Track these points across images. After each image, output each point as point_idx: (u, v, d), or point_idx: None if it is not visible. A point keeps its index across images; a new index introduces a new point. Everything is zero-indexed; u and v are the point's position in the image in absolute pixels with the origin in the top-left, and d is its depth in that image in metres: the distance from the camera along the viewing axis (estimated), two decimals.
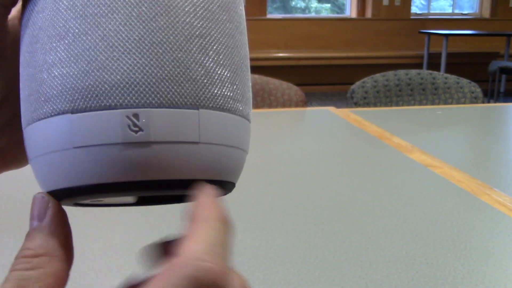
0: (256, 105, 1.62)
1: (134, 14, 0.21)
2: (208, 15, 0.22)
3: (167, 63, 0.21)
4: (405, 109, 1.50)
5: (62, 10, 0.21)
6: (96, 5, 0.21)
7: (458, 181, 0.84)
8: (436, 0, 6.34)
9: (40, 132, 0.22)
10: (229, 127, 0.23)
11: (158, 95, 0.21)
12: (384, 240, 0.63)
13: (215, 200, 0.22)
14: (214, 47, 0.22)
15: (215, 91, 0.22)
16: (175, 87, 0.21)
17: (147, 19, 0.21)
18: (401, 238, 0.64)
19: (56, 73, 0.21)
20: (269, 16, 5.83)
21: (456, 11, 6.34)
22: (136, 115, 0.21)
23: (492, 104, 1.58)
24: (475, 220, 0.69)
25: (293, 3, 6.13)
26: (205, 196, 0.22)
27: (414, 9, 6.14)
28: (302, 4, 6.15)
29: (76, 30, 0.21)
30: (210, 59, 0.22)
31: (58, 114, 0.21)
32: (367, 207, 0.73)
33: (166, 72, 0.21)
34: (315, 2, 6.18)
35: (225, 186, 0.24)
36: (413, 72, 1.76)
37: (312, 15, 6.18)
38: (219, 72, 0.23)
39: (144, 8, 0.21)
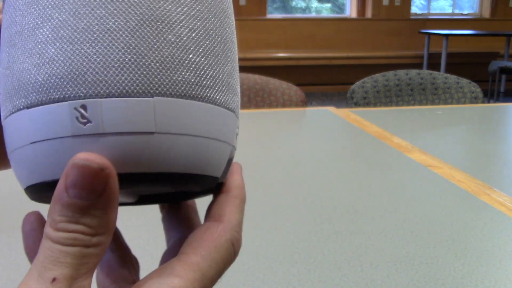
0: (256, 105, 1.62)
1: (83, 2, 0.20)
2: None
3: (116, 50, 0.20)
4: (405, 109, 1.50)
5: (21, 7, 0.21)
6: None
7: (458, 181, 0.84)
8: (436, 0, 6.34)
9: (6, 130, 0.22)
10: (193, 115, 0.22)
11: (106, 84, 0.20)
12: (384, 240, 0.63)
13: (242, 180, 0.27)
14: (175, 31, 0.21)
15: (175, 77, 0.21)
16: (125, 75, 0.20)
17: (96, 6, 0.20)
18: (401, 238, 0.64)
19: (15, 69, 0.21)
20: (269, 16, 5.83)
21: (456, 11, 6.34)
22: (84, 106, 0.20)
23: (492, 104, 1.58)
24: (475, 220, 0.69)
25: (293, 3, 6.13)
26: (239, 174, 0.27)
27: (414, 9, 6.14)
28: (302, 4, 6.15)
29: (31, 25, 0.21)
30: (169, 44, 0.21)
31: (17, 110, 0.21)
32: (367, 207, 0.73)
33: (115, 59, 0.20)
34: (315, 2, 6.18)
35: (198, 180, 0.23)
36: (413, 72, 1.76)
37: (312, 15, 6.18)
38: (181, 56, 0.21)
39: None
